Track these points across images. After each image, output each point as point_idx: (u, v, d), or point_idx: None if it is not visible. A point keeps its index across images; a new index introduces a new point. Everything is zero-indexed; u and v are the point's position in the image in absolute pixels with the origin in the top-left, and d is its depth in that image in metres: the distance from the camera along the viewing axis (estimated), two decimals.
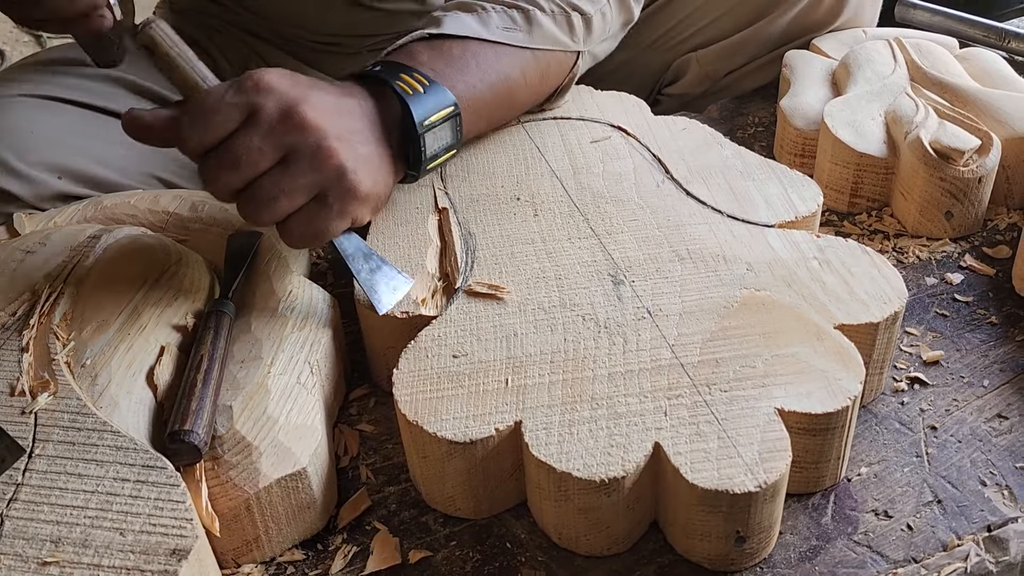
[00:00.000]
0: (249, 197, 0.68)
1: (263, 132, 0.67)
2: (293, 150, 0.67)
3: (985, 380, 0.77)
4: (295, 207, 0.69)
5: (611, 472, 0.61)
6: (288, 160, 0.67)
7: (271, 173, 0.67)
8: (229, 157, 0.66)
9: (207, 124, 0.66)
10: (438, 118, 0.76)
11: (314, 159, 0.68)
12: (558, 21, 0.89)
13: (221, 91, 0.68)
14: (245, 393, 0.68)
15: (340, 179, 0.69)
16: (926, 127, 0.91)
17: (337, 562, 0.66)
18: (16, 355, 0.69)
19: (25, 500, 0.59)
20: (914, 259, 0.89)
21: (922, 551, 0.65)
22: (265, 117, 0.67)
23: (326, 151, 0.68)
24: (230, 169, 0.67)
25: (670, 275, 0.75)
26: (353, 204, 0.71)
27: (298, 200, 0.68)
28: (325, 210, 0.70)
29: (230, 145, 0.67)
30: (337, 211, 0.70)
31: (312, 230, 0.70)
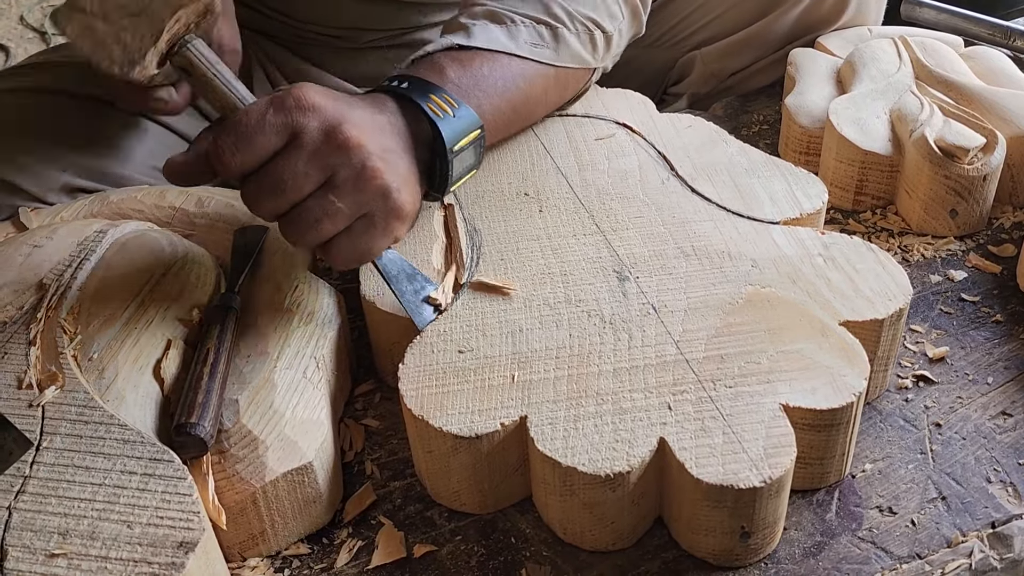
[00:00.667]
0: (293, 220, 0.66)
1: (307, 155, 0.65)
2: (337, 172, 0.66)
3: (989, 377, 0.77)
4: (339, 229, 0.67)
5: (616, 467, 0.61)
6: (332, 182, 0.66)
7: (315, 195, 0.66)
8: (272, 181, 0.65)
9: (249, 148, 0.64)
10: (466, 142, 0.75)
11: (358, 180, 0.66)
12: (582, 39, 0.88)
13: (261, 111, 0.65)
14: (251, 387, 0.68)
15: (385, 199, 0.68)
16: (931, 125, 0.91)
17: (342, 556, 0.67)
18: (24, 348, 0.69)
19: (33, 492, 0.60)
20: (919, 257, 0.90)
21: (926, 547, 0.65)
22: (308, 139, 0.65)
23: (370, 171, 0.66)
24: (274, 193, 0.65)
25: (675, 271, 0.76)
26: (397, 224, 0.69)
27: (342, 222, 0.67)
28: (370, 231, 0.68)
29: (273, 169, 0.65)
30: (382, 231, 0.69)
31: (357, 252, 0.69)
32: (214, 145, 0.65)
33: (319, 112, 0.66)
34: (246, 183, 0.66)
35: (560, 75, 0.89)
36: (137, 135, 1.01)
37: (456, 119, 0.74)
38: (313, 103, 0.66)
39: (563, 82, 0.90)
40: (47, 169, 0.93)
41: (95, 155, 0.97)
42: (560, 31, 0.86)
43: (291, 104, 0.65)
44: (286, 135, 0.65)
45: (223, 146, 0.64)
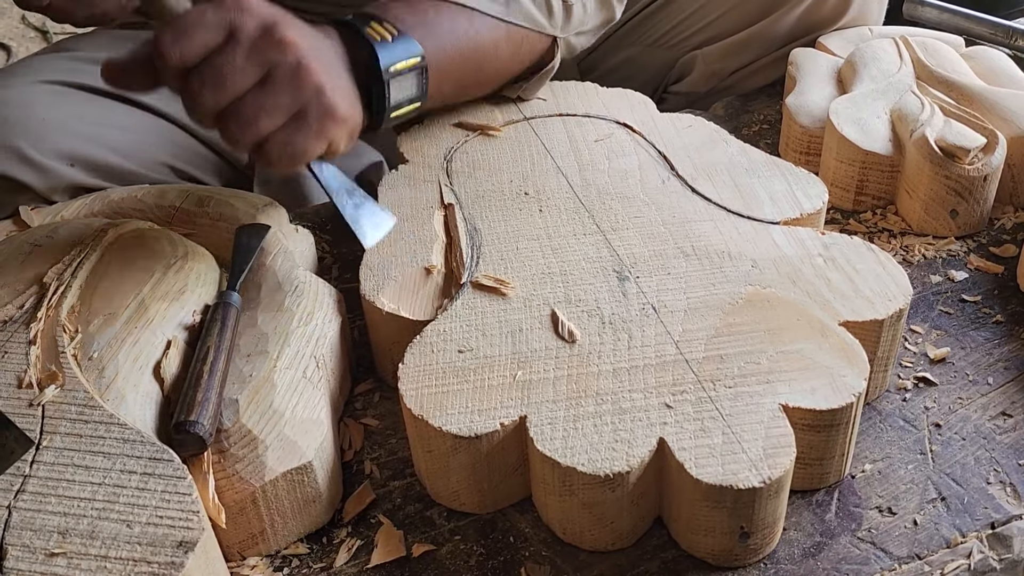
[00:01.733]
0: (231, 116, 0.68)
1: (245, 50, 0.66)
2: (274, 68, 0.67)
3: (990, 378, 0.77)
4: (275, 126, 0.68)
5: (616, 467, 0.61)
6: (268, 79, 0.68)
7: (252, 91, 0.67)
8: (212, 74, 0.66)
9: (189, 41, 0.66)
10: (404, 67, 0.77)
11: (294, 77, 0.68)
12: (537, 2, 0.90)
13: (201, 10, 0.67)
14: (251, 387, 0.68)
15: (319, 97, 0.69)
16: (932, 125, 0.91)
17: (341, 555, 0.67)
18: (24, 347, 0.69)
19: (33, 492, 0.60)
20: (919, 257, 0.90)
21: (926, 548, 0.65)
22: (246, 35, 0.67)
23: (306, 69, 0.68)
24: (214, 87, 0.66)
25: (675, 271, 0.75)
26: (331, 125, 0.71)
27: (278, 119, 0.68)
28: (304, 129, 0.69)
29: (213, 62, 0.66)
30: (316, 130, 0.70)
31: (291, 150, 0.70)
32: (155, 41, 0.66)
33: (257, 12, 0.68)
34: (187, 82, 0.67)
35: (513, 33, 0.90)
36: (148, 130, 1.01)
37: (394, 44, 0.77)
38: (250, 3, 0.68)
39: (516, 42, 0.91)
40: (56, 166, 0.93)
41: (105, 150, 0.97)
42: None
43: (230, 3, 0.67)
44: (224, 31, 0.66)
45: (164, 41, 0.65)
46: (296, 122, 0.69)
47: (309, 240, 0.86)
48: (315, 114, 0.69)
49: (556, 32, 0.93)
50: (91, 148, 0.96)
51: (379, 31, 0.77)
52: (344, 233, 0.96)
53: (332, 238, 0.96)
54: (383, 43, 0.77)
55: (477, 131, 0.94)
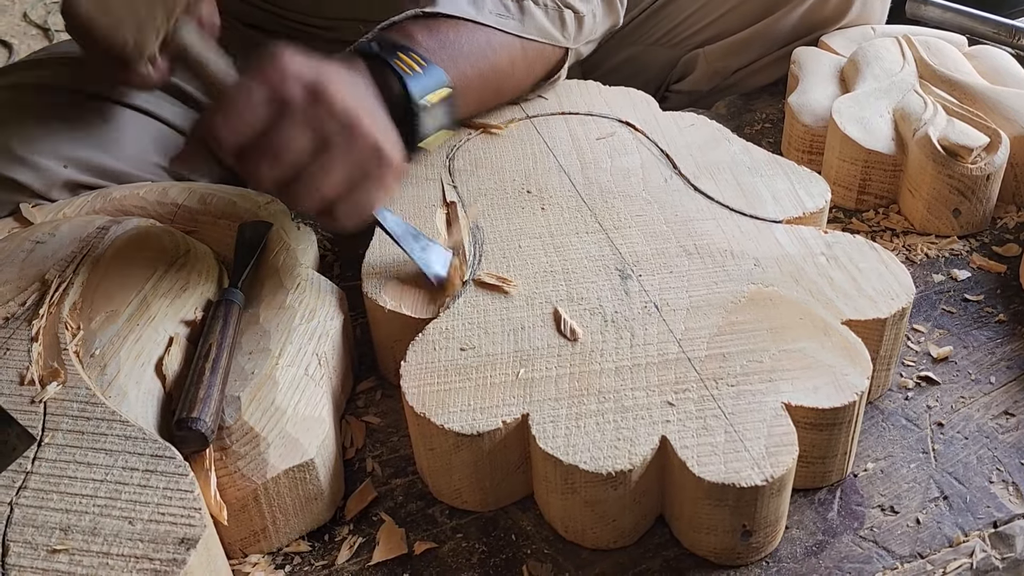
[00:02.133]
0: (295, 186, 0.68)
1: (297, 120, 0.67)
2: (328, 132, 0.68)
3: (992, 377, 0.77)
4: (339, 189, 0.69)
5: (618, 465, 0.61)
6: (325, 144, 0.68)
7: (312, 159, 0.68)
8: (267, 149, 0.66)
9: (239, 120, 0.66)
10: (435, 98, 0.78)
11: (349, 138, 0.68)
12: (551, 16, 0.90)
13: (247, 86, 0.67)
14: (253, 384, 0.68)
15: (376, 154, 0.70)
16: (935, 124, 0.91)
17: (343, 553, 0.67)
18: (26, 344, 0.69)
19: (35, 488, 0.60)
20: (922, 256, 0.89)
21: (928, 547, 0.65)
22: (296, 104, 0.67)
23: (360, 130, 0.68)
24: (272, 163, 0.67)
25: (677, 270, 0.75)
26: (389, 176, 0.72)
27: (341, 181, 0.69)
28: (367, 186, 0.70)
29: (267, 138, 0.66)
30: (377, 185, 0.71)
31: (358, 209, 0.71)
32: (207, 125, 0.66)
33: (301, 78, 0.67)
34: (243, 158, 0.67)
35: (528, 49, 0.90)
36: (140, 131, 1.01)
37: (424, 76, 0.78)
38: (294, 71, 0.68)
39: (531, 57, 0.92)
40: (50, 165, 0.93)
41: (98, 151, 0.97)
42: (526, 4, 0.88)
43: (272, 73, 0.67)
44: (274, 104, 0.67)
45: (215, 124, 0.66)
46: (358, 181, 0.70)
47: (311, 238, 0.86)
48: (374, 169, 0.70)
49: (569, 44, 0.94)
50: (86, 149, 0.96)
51: (408, 63, 0.77)
52: None
53: (334, 236, 0.96)
54: (414, 76, 0.77)
55: (479, 129, 0.94)
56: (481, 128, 0.94)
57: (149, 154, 1.01)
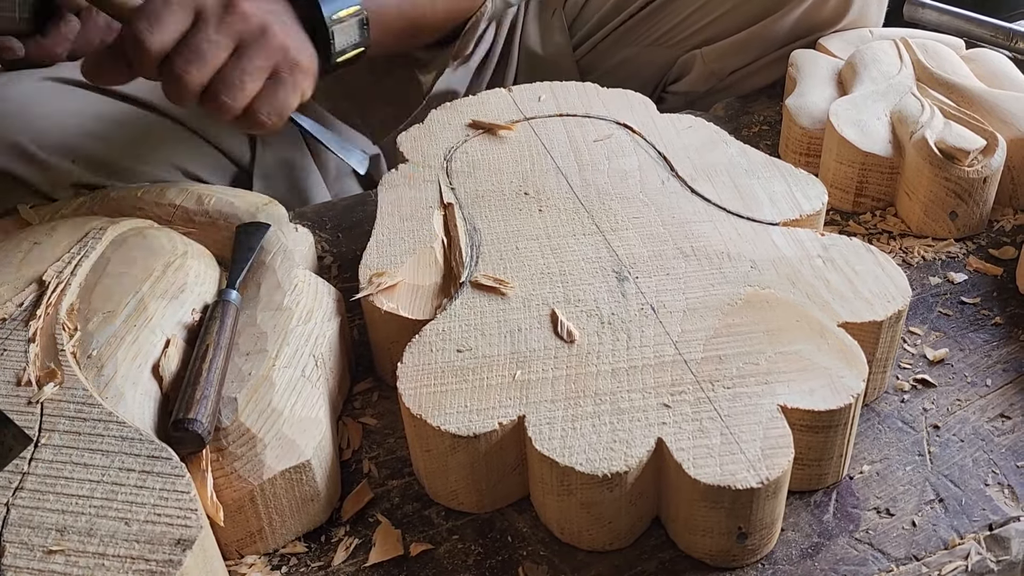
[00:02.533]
0: (216, 89, 0.73)
1: (214, 26, 0.72)
2: (243, 37, 0.74)
3: (988, 380, 0.77)
4: (257, 88, 0.75)
5: (614, 467, 0.61)
6: (240, 48, 0.74)
7: (230, 62, 0.73)
8: (192, 53, 0.71)
9: (163, 26, 0.71)
10: (345, 15, 0.83)
11: (263, 41, 0.74)
12: None
13: None
14: (250, 385, 0.68)
15: (286, 55, 0.76)
16: (932, 127, 0.91)
17: (339, 554, 0.67)
18: (23, 345, 0.69)
19: (31, 489, 0.60)
20: (918, 259, 0.90)
21: (923, 549, 0.65)
22: (212, 12, 0.73)
23: (271, 32, 0.75)
24: (196, 64, 0.71)
25: (674, 272, 0.76)
26: (301, 76, 0.77)
27: (258, 82, 0.74)
28: (282, 86, 0.76)
29: (190, 42, 0.72)
30: (292, 85, 0.77)
31: (276, 107, 0.76)
32: (130, 31, 0.71)
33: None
34: (167, 65, 0.72)
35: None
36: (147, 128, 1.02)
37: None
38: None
39: None
40: (59, 163, 0.93)
41: (105, 148, 0.97)
42: None
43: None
44: (192, 12, 0.72)
45: (140, 29, 0.71)
46: (273, 82, 0.76)
47: (308, 239, 0.86)
48: (287, 70, 0.76)
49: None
50: (93, 145, 0.96)
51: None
52: (343, 231, 0.97)
53: (331, 237, 0.96)
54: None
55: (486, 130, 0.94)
56: (488, 128, 0.94)
57: (160, 151, 1.01)
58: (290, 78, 0.76)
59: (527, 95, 1.00)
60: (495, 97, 0.99)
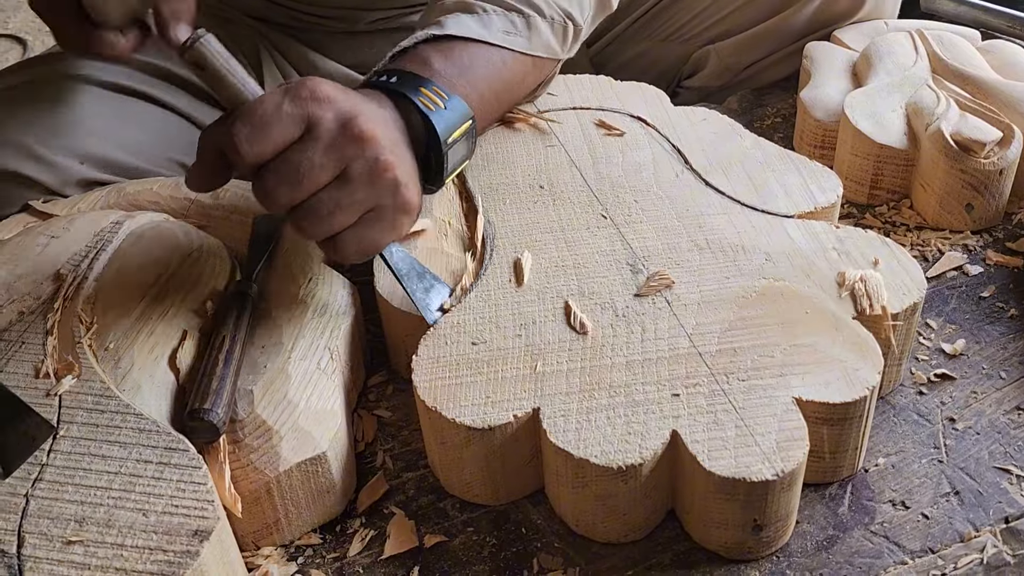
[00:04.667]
0: (306, 212, 0.66)
1: (324, 146, 0.64)
2: (352, 164, 0.66)
3: (1004, 372, 0.77)
4: (350, 222, 0.67)
5: (629, 459, 0.61)
6: (347, 174, 0.66)
7: (329, 187, 0.65)
8: (289, 171, 0.64)
9: (266, 137, 0.63)
10: (459, 134, 0.75)
11: (372, 174, 0.66)
12: (555, 29, 0.88)
13: (276, 100, 0.64)
14: (266, 378, 0.68)
15: (395, 194, 0.68)
16: (947, 119, 0.91)
17: (355, 545, 0.67)
18: (41, 338, 0.70)
19: (50, 480, 0.60)
20: (934, 252, 0.89)
21: (939, 542, 0.65)
22: (325, 130, 0.65)
23: (383, 165, 0.66)
24: (291, 184, 0.64)
25: (688, 264, 0.75)
26: (404, 218, 0.70)
27: (354, 215, 0.67)
28: (378, 224, 0.68)
29: (290, 159, 0.64)
30: (390, 225, 0.69)
31: (364, 245, 0.69)
32: (229, 136, 0.63)
33: (334, 104, 0.65)
34: (260, 175, 0.65)
35: (537, 63, 0.89)
36: (159, 126, 1.02)
37: (448, 111, 0.74)
38: (327, 95, 0.65)
39: (539, 69, 0.90)
40: (66, 162, 0.93)
41: (113, 147, 0.97)
42: (533, 19, 0.86)
43: (306, 95, 0.65)
44: (302, 125, 0.64)
45: (239, 136, 0.63)
46: (371, 217, 0.68)
47: None
48: (391, 209, 0.68)
49: (566, 55, 0.92)
50: (101, 145, 0.96)
51: (431, 98, 0.74)
52: None
53: None
54: (438, 112, 0.74)
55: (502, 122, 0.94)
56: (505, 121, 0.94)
57: (168, 150, 1.01)
58: (391, 218, 0.69)
59: None
60: None
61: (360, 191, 0.66)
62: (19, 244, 0.80)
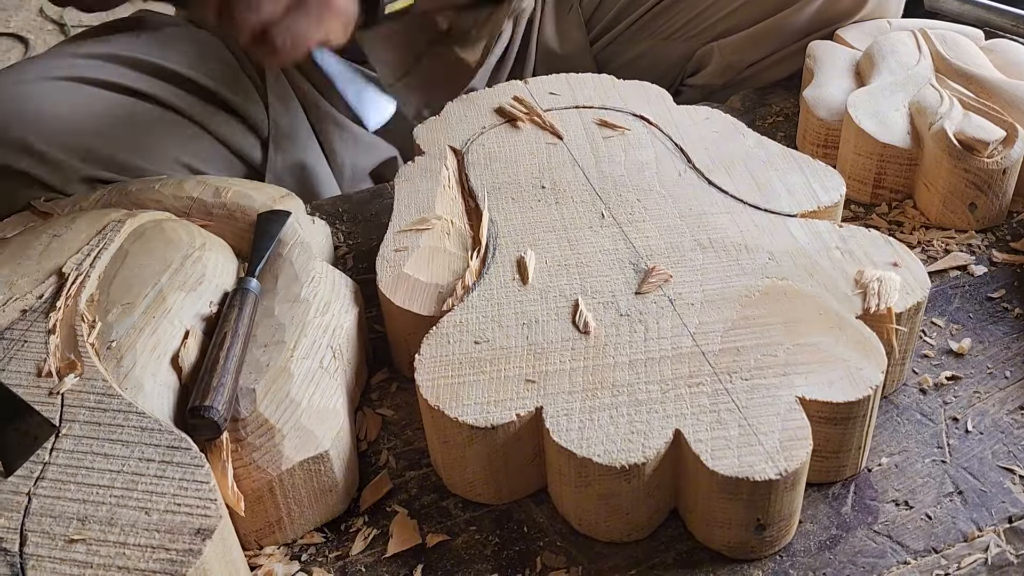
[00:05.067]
0: (234, 4, 0.69)
1: None
2: None
3: (1008, 372, 0.76)
4: (276, 13, 0.70)
5: (632, 458, 0.61)
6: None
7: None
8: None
9: None
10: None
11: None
12: None
13: None
14: (268, 376, 0.68)
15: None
16: (951, 118, 0.91)
17: (357, 544, 0.67)
18: (43, 337, 0.70)
19: (52, 479, 0.60)
20: (939, 251, 0.89)
21: (942, 541, 0.65)
22: None
23: None
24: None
25: (692, 263, 0.75)
26: (328, 15, 0.73)
27: (279, 5, 0.70)
28: (304, 16, 0.72)
29: None
30: (315, 17, 0.72)
31: (292, 36, 0.72)
32: None
33: None
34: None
35: None
36: (157, 126, 1.02)
37: None
38: None
39: None
40: (68, 161, 0.93)
41: (115, 146, 0.97)
42: None
43: None
44: None
45: None
46: (296, 10, 0.71)
47: (325, 231, 0.87)
48: (315, 4, 0.72)
49: None
50: (102, 144, 0.96)
51: None
52: (359, 224, 0.97)
53: (347, 229, 0.96)
54: None
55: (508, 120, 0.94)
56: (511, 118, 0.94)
57: (168, 148, 1.01)
58: (315, 10, 0.73)
59: (543, 87, 0.99)
60: (511, 89, 0.99)
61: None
62: (21, 242, 0.80)
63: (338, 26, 0.75)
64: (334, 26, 0.75)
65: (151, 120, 1.02)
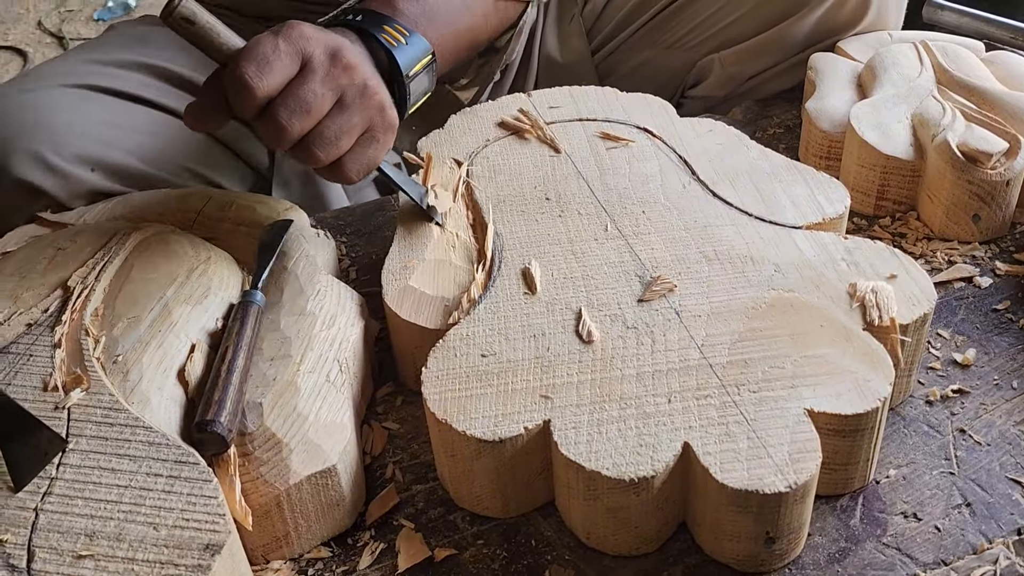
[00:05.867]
0: (316, 139, 0.72)
1: (321, 77, 0.71)
2: (346, 92, 0.73)
3: (1014, 383, 0.76)
4: (352, 144, 0.75)
5: (640, 471, 0.61)
6: (343, 101, 0.73)
7: (331, 114, 0.73)
8: (297, 104, 0.70)
9: (271, 72, 0.69)
10: (420, 68, 0.84)
11: (363, 98, 0.74)
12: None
13: (271, 41, 0.70)
14: (275, 390, 0.68)
15: (382, 114, 0.76)
16: (953, 130, 0.91)
17: (364, 559, 0.67)
18: (48, 351, 0.69)
19: (59, 494, 0.60)
20: (942, 263, 0.89)
21: (951, 554, 0.65)
22: (319, 63, 0.72)
23: (372, 90, 0.75)
24: (299, 116, 0.70)
25: (697, 276, 0.75)
26: (391, 135, 0.78)
27: (353, 139, 0.75)
28: (374, 144, 0.77)
29: (296, 91, 0.70)
30: (382, 142, 0.77)
31: (365, 163, 0.77)
32: (237, 75, 0.68)
33: (320, 40, 0.73)
34: (270, 111, 0.70)
35: (499, 4, 0.96)
36: (164, 133, 1.02)
37: (409, 47, 0.83)
38: (312, 33, 0.73)
39: (501, 11, 0.97)
40: (77, 173, 0.93)
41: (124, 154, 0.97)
42: None
43: (295, 35, 0.72)
44: (299, 60, 0.71)
45: (248, 73, 0.68)
46: (367, 138, 0.76)
47: (330, 245, 0.87)
48: (381, 128, 0.77)
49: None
50: (111, 152, 0.96)
51: (393, 35, 0.83)
52: (362, 237, 0.97)
53: (351, 242, 0.96)
54: (399, 47, 0.82)
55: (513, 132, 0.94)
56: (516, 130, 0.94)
57: (176, 156, 1.01)
58: (382, 136, 0.77)
59: (546, 100, 1.00)
60: (515, 102, 0.99)
61: (356, 115, 0.74)
62: (26, 256, 0.80)
63: (392, 140, 0.79)
64: (392, 142, 0.79)
65: (160, 127, 1.02)
